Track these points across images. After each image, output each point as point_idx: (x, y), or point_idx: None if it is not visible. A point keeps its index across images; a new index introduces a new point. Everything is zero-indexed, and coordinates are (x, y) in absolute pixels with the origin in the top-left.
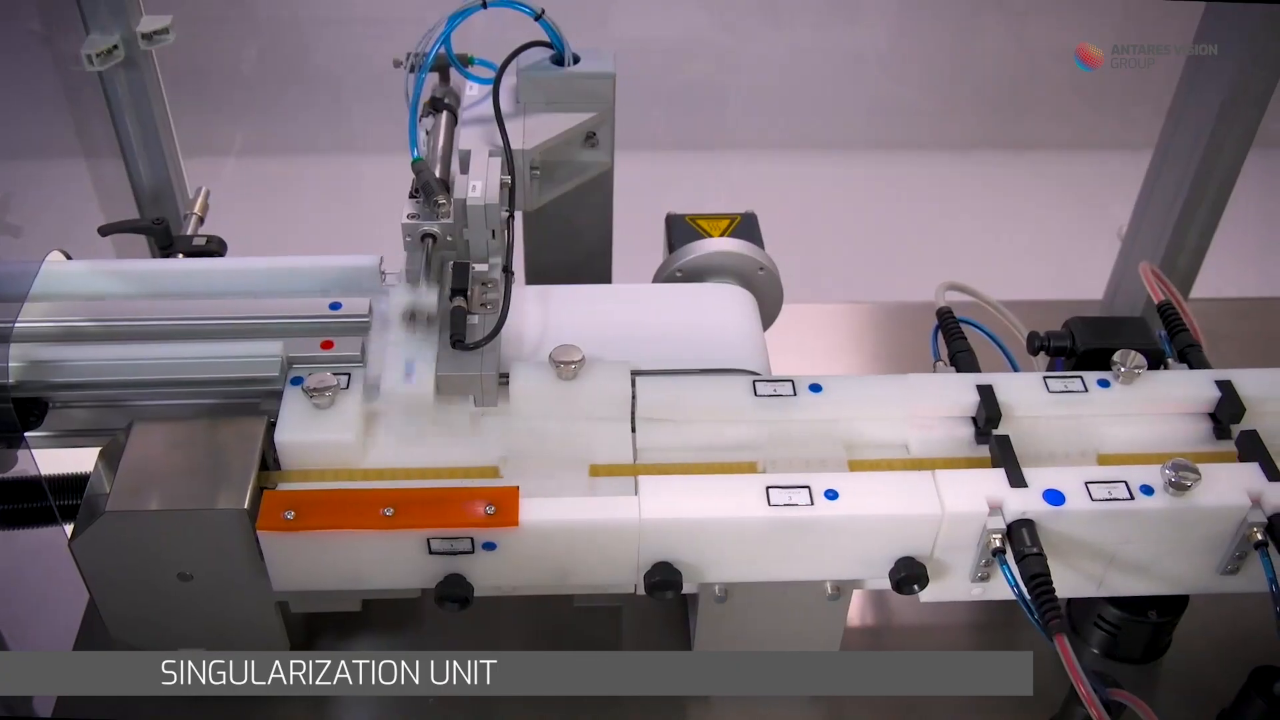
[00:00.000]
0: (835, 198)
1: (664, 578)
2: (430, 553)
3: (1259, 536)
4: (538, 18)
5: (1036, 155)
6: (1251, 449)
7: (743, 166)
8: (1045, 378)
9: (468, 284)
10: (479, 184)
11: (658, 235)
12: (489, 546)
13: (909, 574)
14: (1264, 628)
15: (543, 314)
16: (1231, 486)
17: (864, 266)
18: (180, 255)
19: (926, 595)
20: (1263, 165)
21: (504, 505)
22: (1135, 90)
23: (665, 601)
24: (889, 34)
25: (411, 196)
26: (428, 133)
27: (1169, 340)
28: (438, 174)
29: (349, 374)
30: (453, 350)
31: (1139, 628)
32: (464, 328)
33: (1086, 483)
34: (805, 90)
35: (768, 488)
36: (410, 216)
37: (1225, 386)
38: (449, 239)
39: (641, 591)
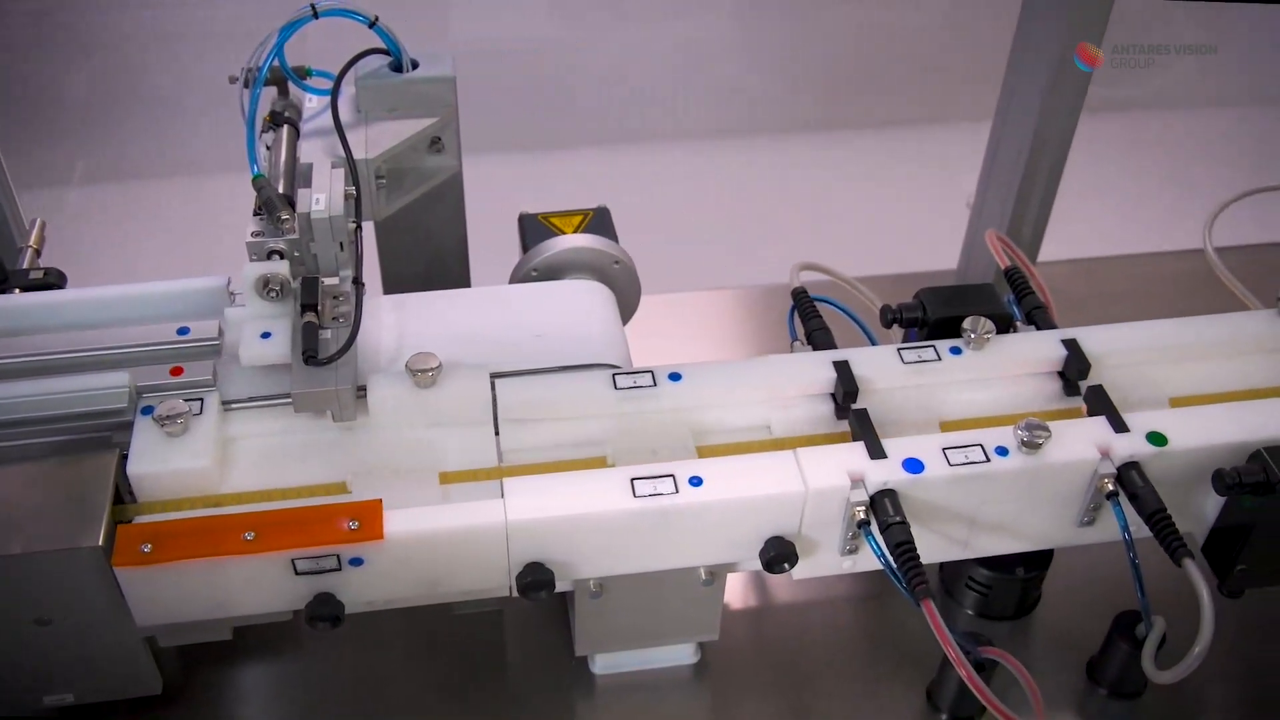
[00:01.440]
0: (688, 187)
1: (536, 578)
2: (296, 574)
3: (1110, 487)
4: (372, 25)
5: (884, 132)
6: (1098, 403)
7: (594, 162)
8: (899, 349)
9: (318, 299)
10: (322, 197)
11: (515, 236)
12: (356, 562)
13: (778, 553)
14: (1125, 575)
15: (399, 323)
16: (1081, 441)
17: (721, 253)
18: (16, 291)
19: (799, 572)
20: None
21: (368, 519)
22: (975, 63)
23: (545, 601)
24: (731, 20)
25: (255, 214)
26: (269, 148)
27: (1017, 304)
28: (281, 189)
29: (201, 399)
30: (306, 366)
31: (1008, 585)
32: (316, 343)
33: (944, 449)
34: (651, 82)
35: (632, 479)
36: (255, 234)
37: (1071, 345)
38: (296, 254)
39: (515, 594)
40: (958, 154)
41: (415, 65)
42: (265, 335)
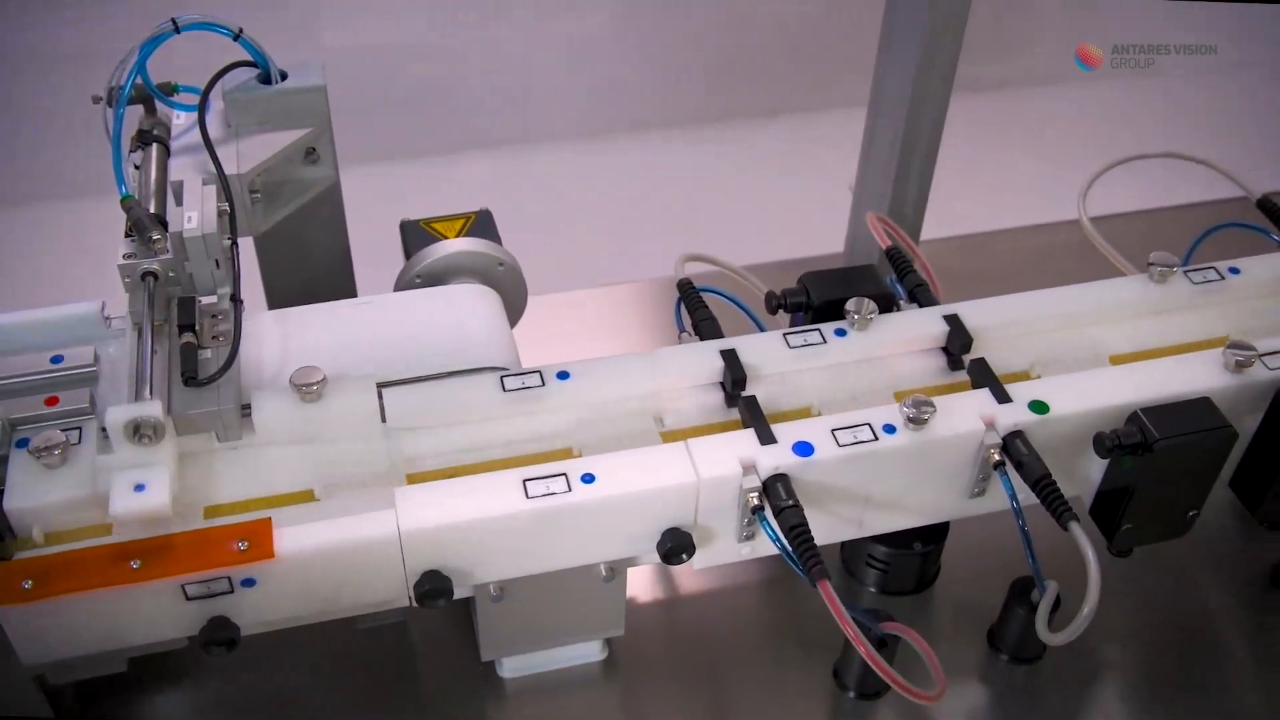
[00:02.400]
0: (573, 186)
1: (434, 586)
2: (188, 599)
3: (996, 457)
4: (236, 37)
5: (768, 121)
6: (981, 376)
7: (478, 165)
8: (785, 335)
9: (195, 318)
10: (194, 215)
11: (400, 244)
12: (249, 583)
13: (676, 544)
14: (1019, 542)
15: (282, 338)
16: (965, 414)
17: (610, 250)
18: None
19: (698, 562)
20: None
21: (257, 539)
22: (854, 48)
23: (449, 608)
24: (609, 16)
25: (127, 236)
26: (138, 167)
27: (899, 283)
28: (153, 208)
29: (79, 428)
30: (186, 388)
31: (907, 560)
32: (195, 363)
33: (832, 430)
34: (531, 82)
35: (524, 480)
36: (126, 256)
37: (953, 320)
38: (171, 274)
39: (414, 604)
40: (840, 139)
41: (285, 76)
42: (139, 487)
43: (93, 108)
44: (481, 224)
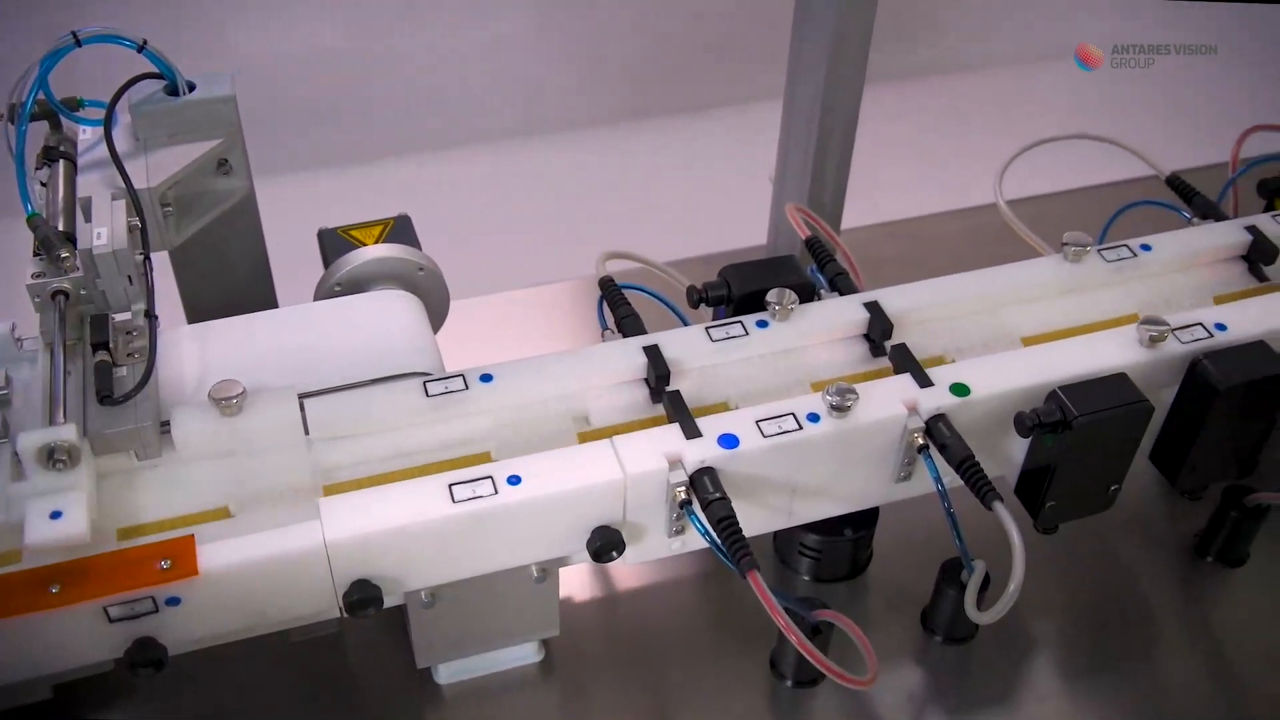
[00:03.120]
0: (495, 189)
1: (363, 595)
2: (111, 621)
3: (920, 441)
4: (140, 49)
5: (688, 116)
6: (903, 361)
7: (396, 171)
8: (707, 328)
9: (109, 336)
10: (104, 231)
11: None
12: (173, 602)
13: (605, 542)
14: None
15: (202, 352)
16: (888, 399)
17: (533, 251)
18: None
19: (630, 558)
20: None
21: (180, 557)
22: (771, 40)
23: (384, 615)
24: (525, 17)
25: (35, 254)
26: (44, 184)
27: (819, 272)
28: (61, 226)
29: None
30: (102, 407)
31: (838, 547)
32: (111, 382)
33: (757, 421)
34: (448, 85)
35: (450, 485)
36: (35, 276)
37: (873, 307)
38: (83, 292)
39: (344, 614)
40: (760, 132)
41: (192, 87)
42: (55, 514)
43: None
44: (400, 229)
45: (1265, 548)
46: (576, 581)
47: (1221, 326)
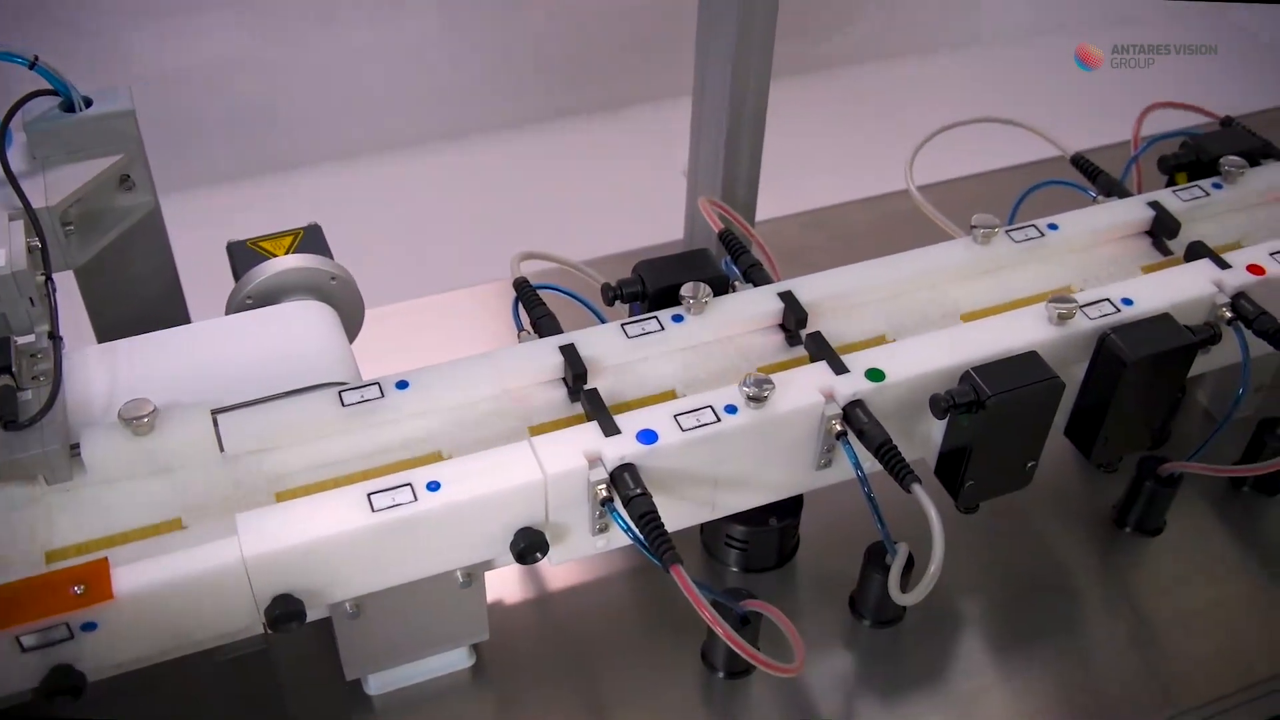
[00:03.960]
0: (408, 194)
1: (285, 610)
2: (24, 650)
3: (838, 428)
4: (32, 65)
5: (603, 115)
6: (818, 349)
7: (306, 181)
8: (623, 325)
9: (11, 359)
10: (2, 252)
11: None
12: (89, 627)
13: (529, 544)
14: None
15: (110, 372)
16: (804, 388)
17: (450, 256)
18: None
19: (555, 558)
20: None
21: (94, 581)
22: (678, 37)
23: (312, 628)
24: (436, 20)
25: None
26: None
27: (734, 264)
28: None
29: None
30: (6, 432)
31: (765, 537)
32: (15, 406)
33: (675, 415)
34: (356, 93)
35: (369, 494)
36: None
37: (787, 297)
38: None
39: (267, 630)
40: (674, 127)
41: (89, 103)
42: None
43: None
44: (311, 239)
45: (1180, 516)
46: (506, 584)
47: (1128, 301)
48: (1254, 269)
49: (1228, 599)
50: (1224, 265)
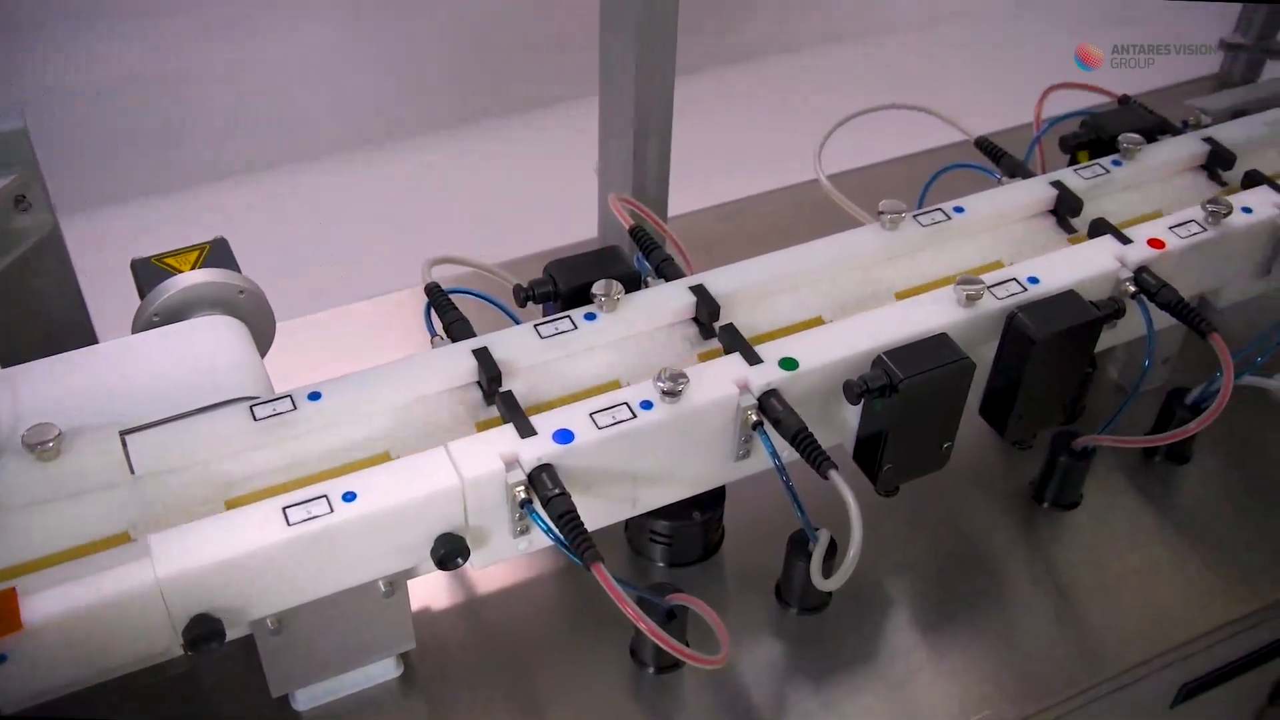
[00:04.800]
0: (318, 205)
1: (204, 631)
2: None
3: (754, 418)
4: None
5: (512, 116)
6: (732, 341)
7: (212, 196)
8: (536, 326)
9: None
10: None
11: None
12: (0, 660)
13: (449, 550)
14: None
15: (12, 397)
16: (719, 380)
17: (363, 265)
18: None
19: (477, 562)
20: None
21: (1, 611)
22: (585, 36)
23: (237, 646)
24: (336, 28)
25: None
26: None
27: (645, 260)
28: None
29: None
30: None
31: (688, 530)
32: None
33: (591, 414)
34: (261, 104)
35: (284, 508)
36: None
37: (699, 290)
38: None
39: (187, 652)
40: (585, 126)
41: None
42: None
43: None
44: (217, 254)
45: (1096, 488)
46: (433, 590)
47: (1034, 279)
48: (1154, 243)
49: (1146, 566)
50: (1126, 240)
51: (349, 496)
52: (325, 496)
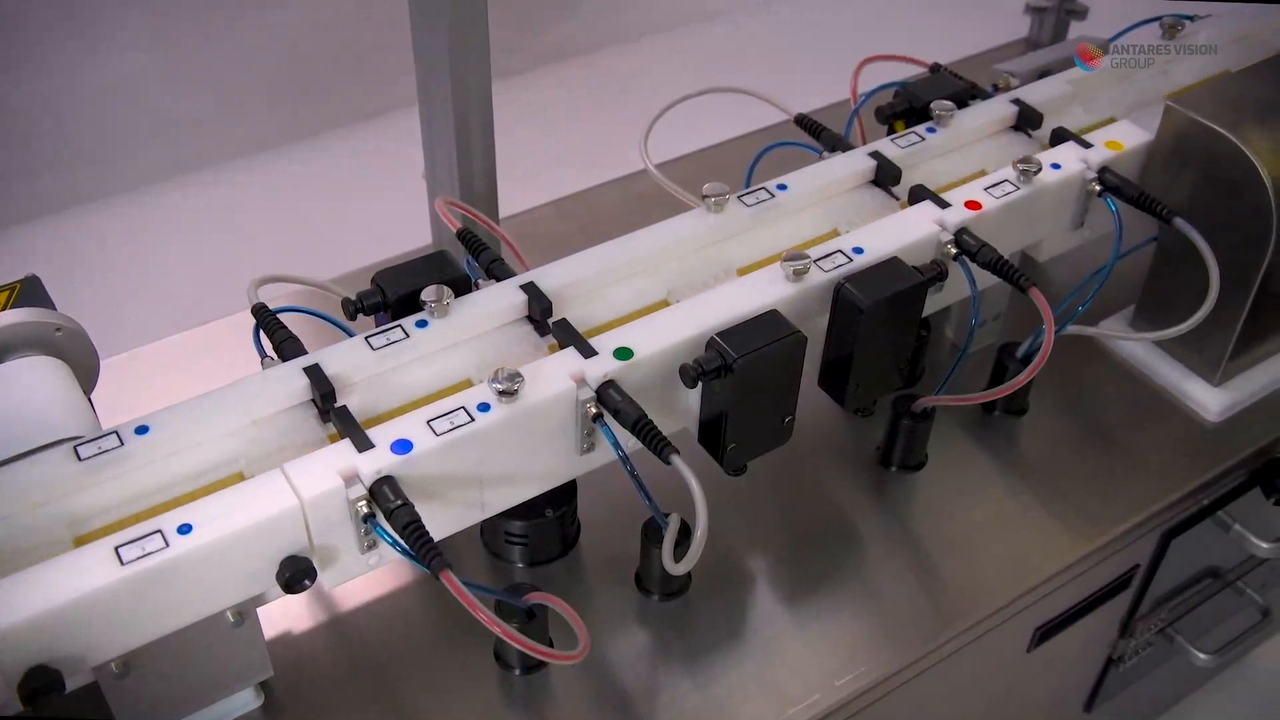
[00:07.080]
0: (140, 236)
1: (41, 683)
2: None
3: (594, 410)
4: None
5: (337, 131)
6: (566, 335)
7: (24, 235)
8: (367, 337)
9: None
10: None
11: None
12: None
13: (295, 572)
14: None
15: None
16: (555, 376)
17: (192, 294)
18: None
19: (328, 582)
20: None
21: None
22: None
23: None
24: (150, 52)
25: None
26: None
27: (474, 261)
28: None
29: None
30: None
31: (544, 528)
32: None
33: (428, 421)
34: (73, 135)
35: (116, 547)
36: None
37: (529, 288)
38: None
39: (24, 707)
40: (411, 135)
41: None
42: None
43: None
44: (29, 292)
45: (940, 447)
46: (291, 613)
47: (859, 250)
48: (971, 205)
49: (995, 518)
50: (944, 205)
51: (184, 529)
52: (160, 531)
